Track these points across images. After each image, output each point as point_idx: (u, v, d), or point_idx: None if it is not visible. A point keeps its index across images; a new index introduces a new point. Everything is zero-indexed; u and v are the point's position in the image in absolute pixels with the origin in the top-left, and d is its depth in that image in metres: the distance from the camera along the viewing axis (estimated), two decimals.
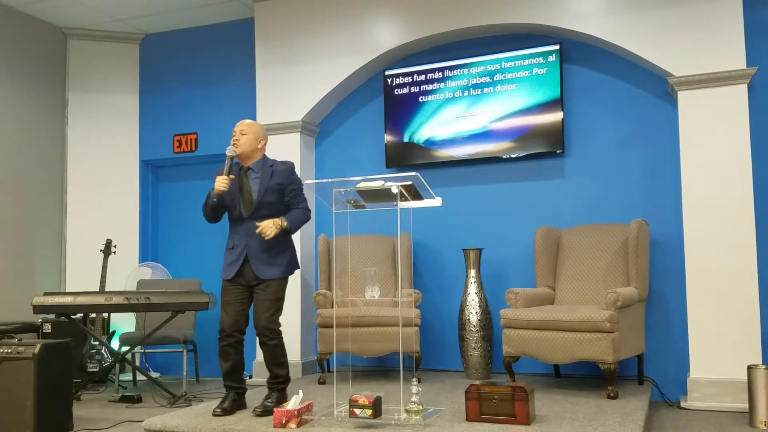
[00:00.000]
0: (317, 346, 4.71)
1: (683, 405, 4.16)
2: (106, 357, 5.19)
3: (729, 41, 4.24)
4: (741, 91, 4.20)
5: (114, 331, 5.64)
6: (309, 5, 5.49)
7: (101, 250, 5.56)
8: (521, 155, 4.95)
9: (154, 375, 5.64)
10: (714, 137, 4.24)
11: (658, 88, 4.67)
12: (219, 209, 3.77)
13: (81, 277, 5.95)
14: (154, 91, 6.32)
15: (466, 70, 5.13)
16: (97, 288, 5.52)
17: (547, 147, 4.86)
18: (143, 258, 6.18)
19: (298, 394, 3.46)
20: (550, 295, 4.61)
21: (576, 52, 4.92)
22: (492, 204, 5.11)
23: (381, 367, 5.26)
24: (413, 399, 3.25)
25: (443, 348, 5.16)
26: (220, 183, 3.62)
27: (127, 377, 5.64)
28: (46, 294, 4.48)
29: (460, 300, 4.91)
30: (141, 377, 5.55)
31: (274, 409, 3.33)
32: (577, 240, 4.67)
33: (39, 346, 3.57)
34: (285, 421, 3.24)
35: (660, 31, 4.44)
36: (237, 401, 3.69)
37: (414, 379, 3.27)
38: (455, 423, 3.25)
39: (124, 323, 5.85)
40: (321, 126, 5.71)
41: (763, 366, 3.63)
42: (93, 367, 5.11)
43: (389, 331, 4.55)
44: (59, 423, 3.65)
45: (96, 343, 5.19)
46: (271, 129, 5.39)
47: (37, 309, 4.41)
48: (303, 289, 5.36)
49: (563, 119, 4.83)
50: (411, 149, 5.28)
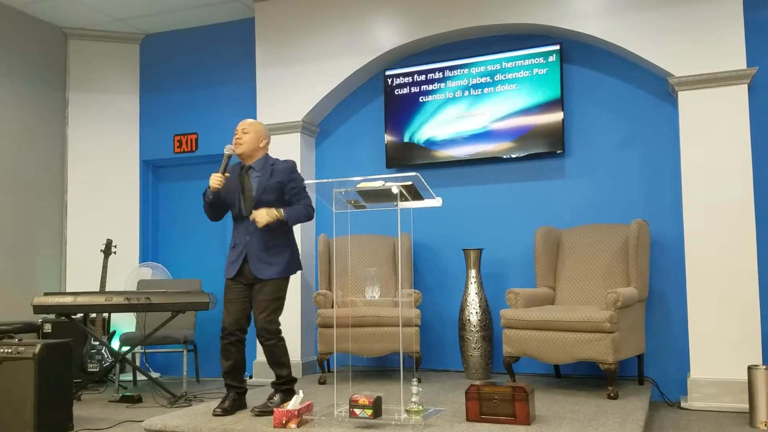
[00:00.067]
0: (317, 346, 4.71)
1: (683, 405, 4.15)
2: (106, 357, 5.19)
3: (729, 41, 4.24)
4: (741, 92, 4.20)
5: (114, 331, 5.64)
6: (309, 5, 5.49)
7: (101, 250, 5.56)
8: (521, 155, 4.95)
9: (154, 375, 5.64)
10: (714, 137, 4.24)
11: (658, 88, 4.67)
12: (217, 207, 3.78)
13: (81, 277, 5.95)
14: (154, 91, 6.32)
15: (466, 70, 5.12)
16: (98, 288, 5.51)
17: (548, 147, 4.86)
18: (143, 258, 6.19)
19: (298, 394, 3.47)
20: (550, 296, 4.61)
21: (576, 52, 4.92)
22: (492, 204, 5.11)
23: (381, 368, 5.26)
24: (413, 399, 3.25)
25: (443, 348, 5.16)
26: (213, 180, 3.63)
27: (128, 377, 5.64)
28: (46, 294, 4.48)
29: (460, 300, 4.91)
30: (141, 377, 5.55)
31: (274, 409, 3.33)
32: (578, 240, 4.67)
33: (39, 346, 3.57)
34: (285, 421, 3.24)
35: (660, 31, 4.44)
36: (237, 401, 3.69)
37: (414, 380, 3.27)
38: (455, 423, 3.25)
39: (124, 323, 5.85)
40: (321, 126, 5.71)
41: (764, 366, 3.63)
42: (93, 367, 5.12)
43: (389, 331, 4.55)
44: (59, 423, 3.65)
45: (96, 343, 5.19)
46: (272, 129, 5.38)
47: (38, 309, 4.42)
48: (303, 290, 5.36)
49: (563, 119, 4.83)
50: (411, 149, 5.28)
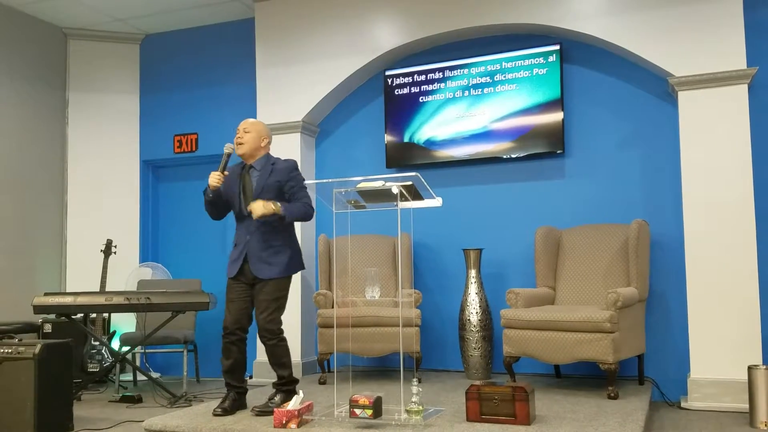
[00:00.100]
0: (317, 346, 4.71)
1: (683, 405, 4.15)
2: (106, 357, 5.19)
3: (729, 41, 4.24)
4: (741, 92, 4.20)
5: (114, 332, 5.64)
6: (309, 5, 5.49)
7: (102, 250, 5.56)
8: (521, 155, 4.95)
9: (154, 375, 5.64)
10: (714, 137, 4.24)
11: (658, 88, 4.67)
12: (218, 206, 3.79)
13: (81, 277, 5.95)
14: (154, 91, 6.32)
15: (466, 70, 5.12)
16: (98, 288, 5.51)
17: (548, 147, 4.86)
18: (143, 258, 6.19)
19: (298, 394, 3.47)
20: (550, 296, 4.61)
21: (576, 52, 4.92)
22: (492, 204, 5.11)
23: (381, 368, 5.26)
24: (413, 399, 3.25)
25: (443, 348, 5.16)
26: (213, 179, 3.65)
27: (128, 377, 5.64)
28: (46, 294, 4.48)
29: (460, 300, 4.91)
30: (141, 377, 5.55)
31: (274, 410, 3.33)
32: (578, 240, 4.67)
33: (39, 346, 3.57)
34: (285, 422, 3.24)
35: (660, 31, 4.44)
36: (237, 401, 3.69)
37: (414, 380, 3.27)
38: (455, 423, 3.25)
39: (124, 323, 5.85)
40: (321, 126, 5.71)
41: (764, 366, 3.63)
42: (93, 367, 5.12)
43: (389, 332, 4.55)
44: (59, 423, 3.65)
45: (96, 343, 5.19)
46: (272, 129, 5.35)
47: (38, 309, 4.42)
48: (303, 290, 5.36)
49: (563, 119, 4.83)
50: (411, 149, 5.28)
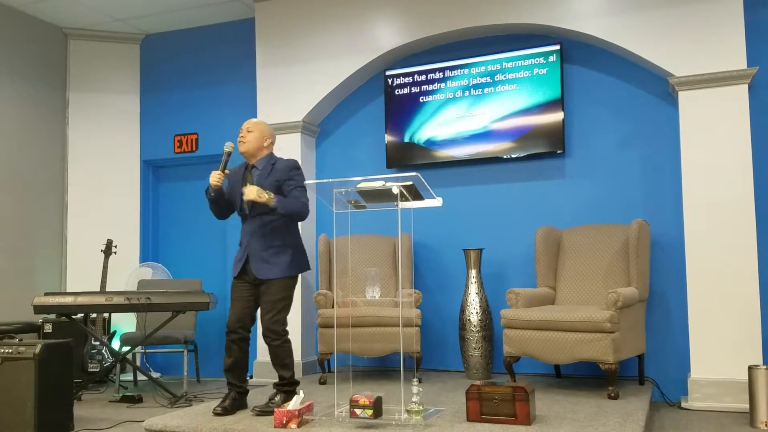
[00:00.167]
0: (318, 346, 4.71)
1: (684, 405, 4.15)
2: (106, 357, 5.19)
3: (729, 41, 4.24)
4: (742, 91, 4.20)
5: (115, 331, 5.64)
6: (309, 5, 5.49)
7: (102, 250, 5.56)
8: (522, 155, 4.95)
9: (154, 375, 5.64)
10: (715, 137, 4.24)
11: (658, 88, 4.67)
12: (221, 206, 3.80)
13: (82, 277, 5.95)
14: (154, 92, 6.32)
15: (466, 70, 5.12)
16: (98, 288, 5.51)
17: (548, 147, 4.86)
18: (144, 258, 6.19)
19: (298, 394, 3.47)
20: (550, 296, 4.61)
21: (576, 52, 4.92)
22: (492, 204, 5.11)
23: (381, 368, 5.26)
24: (414, 399, 3.25)
25: (444, 348, 5.16)
26: (213, 178, 3.66)
27: (128, 377, 5.64)
28: (46, 294, 4.48)
29: (460, 300, 4.91)
30: (142, 377, 5.55)
31: (274, 409, 3.33)
32: (578, 240, 4.67)
33: (40, 346, 3.57)
34: (285, 422, 3.24)
35: (660, 31, 4.44)
36: (238, 401, 3.69)
37: (415, 380, 3.27)
38: (456, 423, 3.25)
39: (124, 323, 5.85)
40: (321, 126, 5.71)
41: (764, 366, 3.63)
42: (94, 367, 5.12)
43: (390, 332, 4.55)
44: (60, 423, 3.66)
45: (97, 343, 5.19)
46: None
47: (38, 309, 4.42)
48: (304, 290, 5.36)
49: (564, 119, 4.83)
50: (411, 149, 5.28)
